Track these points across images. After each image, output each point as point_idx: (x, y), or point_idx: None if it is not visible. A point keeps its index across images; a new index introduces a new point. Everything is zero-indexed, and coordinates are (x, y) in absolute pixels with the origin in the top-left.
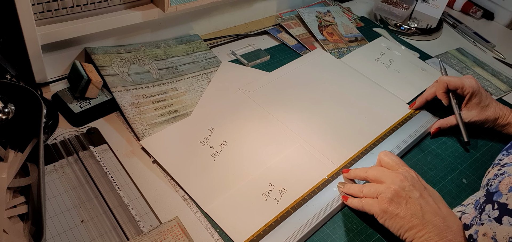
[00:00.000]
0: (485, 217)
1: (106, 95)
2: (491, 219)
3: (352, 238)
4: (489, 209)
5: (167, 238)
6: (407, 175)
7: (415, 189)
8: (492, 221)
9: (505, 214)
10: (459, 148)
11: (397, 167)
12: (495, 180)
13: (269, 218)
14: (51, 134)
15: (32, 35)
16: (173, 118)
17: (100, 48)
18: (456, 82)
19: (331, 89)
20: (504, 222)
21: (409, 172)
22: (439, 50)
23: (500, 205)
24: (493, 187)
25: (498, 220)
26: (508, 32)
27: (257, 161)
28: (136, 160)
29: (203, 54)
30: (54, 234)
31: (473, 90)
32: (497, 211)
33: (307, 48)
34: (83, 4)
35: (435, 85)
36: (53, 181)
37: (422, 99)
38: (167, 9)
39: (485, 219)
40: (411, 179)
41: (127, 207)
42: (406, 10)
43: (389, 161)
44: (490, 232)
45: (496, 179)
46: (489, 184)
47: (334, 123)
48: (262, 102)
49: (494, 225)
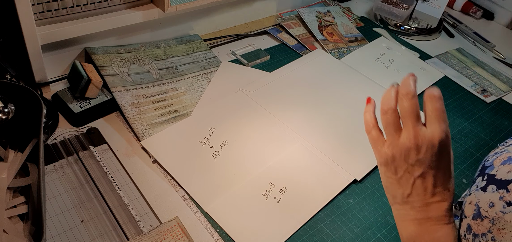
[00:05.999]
0: (474, 188)
1: (106, 95)
2: (478, 189)
3: (352, 238)
4: (479, 180)
5: (167, 238)
6: (423, 144)
7: (422, 166)
8: (479, 190)
9: (491, 183)
10: (459, 148)
11: (431, 120)
12: (493, 156)
13: (270, 217)
14: (51, 134)
15: (32, 35)
16: (173, 119)
17: (100, 48)
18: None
19: (331, 89)
20: (488, 190)
21: (431, 141)
22: (439, 50)
23: (489, 176)
24: (488, 162)
25: (484, 189)
26: (508, 32)
27: (257, 160)
28: (136, 160)
29: (203, 54)
30: (54, 234)
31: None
32: (485, 182)
33: (307, 48)
34: (83, 4)
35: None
36: (53, 181)
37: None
38: (167, 9)
39: (473, 189)
40: (425, 151)
41: (127, 207)
42: (406, 10)
43: (430, 109)
44: (474, 199)
45: (494, 155)
46: (486, 160)
47: (334, 123)
48: (262, 102)
49: (479, 193)
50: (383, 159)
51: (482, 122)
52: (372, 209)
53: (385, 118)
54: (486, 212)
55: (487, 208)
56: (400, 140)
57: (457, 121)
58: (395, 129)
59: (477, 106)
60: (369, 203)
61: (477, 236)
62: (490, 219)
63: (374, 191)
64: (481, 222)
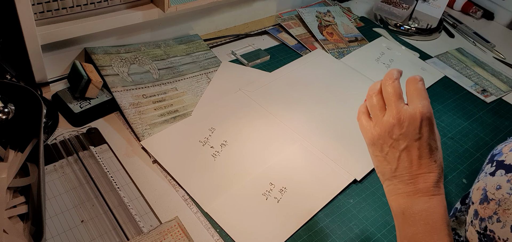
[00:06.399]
0: (482, 174)
1: (106, 95)
2: (486, 174)
3: (352, 238)
4: (488, 167)
5: (167, 238)
6: (405, 119)
7: (405, 139)
8: (487, 175)
9: (499, 168)
10: (459, 148)
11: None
12: (501, 145)
13: (270, 218)
14: (51, 134)
15: (32, 35)
16: (173, 118)
17: (100, 48)
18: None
19: (331, 89)
20: (497, 174)
21: (413, 116)
22: (439, 50)
23: (498, 162)
24: (497, 150)
25: (492, 174)
26: (508, 32)
27: (257, 160)
28: (136, 160)
29: (203, 54)
30: (54, 234)
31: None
32: (494, 167)
33: (307, 48)
34: (83, 4)
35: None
36: (53, 181)
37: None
38: (167, 9)
39: (481, 176)
40: (408, 125)
41: (127, 207)
42: (406, 10)
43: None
44: (482, 184)
45: (503, 145)
46: (495, 149)
47: (334, 123)
48: (262, 102)
49: (487, 178)
50: (370, 139)
51: (482, 122)
52: (372, 209)
53: (370, 101)
54: (492, 195)
55: (494, 190)
56: (384, 118)
57: (457, 121)
58: (379, 109)
59: (477, 106)
60: (369, 203)
61: (483, 220)
62: (496, 201)
63: (374, 191)
64: (488, 205)
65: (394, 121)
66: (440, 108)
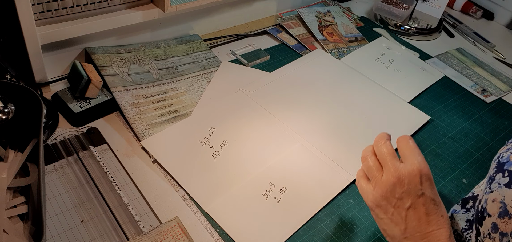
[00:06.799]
0: (495, 185)
1: (106, 95)
2: (501, 186)
3: (352, 238)
4: (500, 177)
5: (167, 238)
6: (405, 177)
7: (409, 196)
8: (502, 187)
9: None
10: (459, 148)
11: (406, 156)
12: (507, 153)
13: (270, 217)
14: (51, 134)
15: (32, 35)
16: (173, 118)
17: (100, 48)
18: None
19: (331, 89)
20: None
21: (412, 173)
22: (439, 50)
23: (510, 173)
24: (504, 158)
25: (508, 185)
26: (508, 32)
27: (257, 160)
28: (136, 160)
29: (203, 54)
30: (54, 234)
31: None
32: (507, 178)
33: (307, 48)
34: (83, 4)
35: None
36: (53, 181)
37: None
38: (167, 9)
39: (495, 187)
40: (409, 183)
41: (127, 207)
42: (406, 10)
43: (404, 148)
44: (499, 197)
45: (508, 151)
46: (500, 156)
47: (334, 123)
48: (262, 102)
49: (504, 190)
50: (372, 201)
51: (482, 122)
52: None
53: (366, 164)
54: None
55: None
56: (383, 177)
57: (457, 121)
58: (376, 169)
59: (477, 106)
60: None
61: (506, 235)
62: None
63: None
64: (509, 220)
65: (394, 179)
66: (440, 109)
